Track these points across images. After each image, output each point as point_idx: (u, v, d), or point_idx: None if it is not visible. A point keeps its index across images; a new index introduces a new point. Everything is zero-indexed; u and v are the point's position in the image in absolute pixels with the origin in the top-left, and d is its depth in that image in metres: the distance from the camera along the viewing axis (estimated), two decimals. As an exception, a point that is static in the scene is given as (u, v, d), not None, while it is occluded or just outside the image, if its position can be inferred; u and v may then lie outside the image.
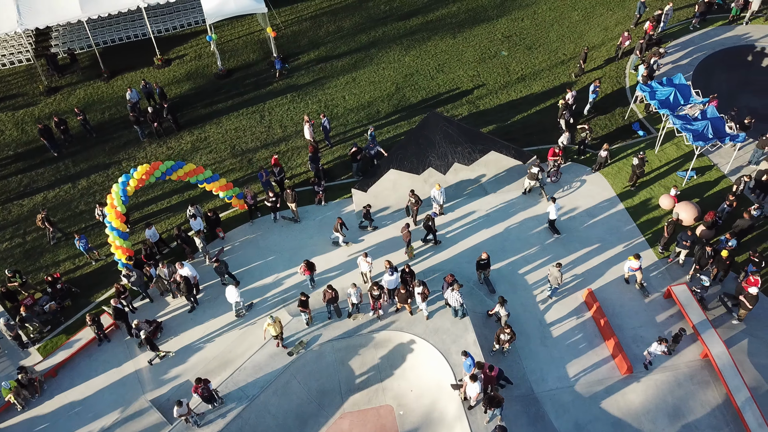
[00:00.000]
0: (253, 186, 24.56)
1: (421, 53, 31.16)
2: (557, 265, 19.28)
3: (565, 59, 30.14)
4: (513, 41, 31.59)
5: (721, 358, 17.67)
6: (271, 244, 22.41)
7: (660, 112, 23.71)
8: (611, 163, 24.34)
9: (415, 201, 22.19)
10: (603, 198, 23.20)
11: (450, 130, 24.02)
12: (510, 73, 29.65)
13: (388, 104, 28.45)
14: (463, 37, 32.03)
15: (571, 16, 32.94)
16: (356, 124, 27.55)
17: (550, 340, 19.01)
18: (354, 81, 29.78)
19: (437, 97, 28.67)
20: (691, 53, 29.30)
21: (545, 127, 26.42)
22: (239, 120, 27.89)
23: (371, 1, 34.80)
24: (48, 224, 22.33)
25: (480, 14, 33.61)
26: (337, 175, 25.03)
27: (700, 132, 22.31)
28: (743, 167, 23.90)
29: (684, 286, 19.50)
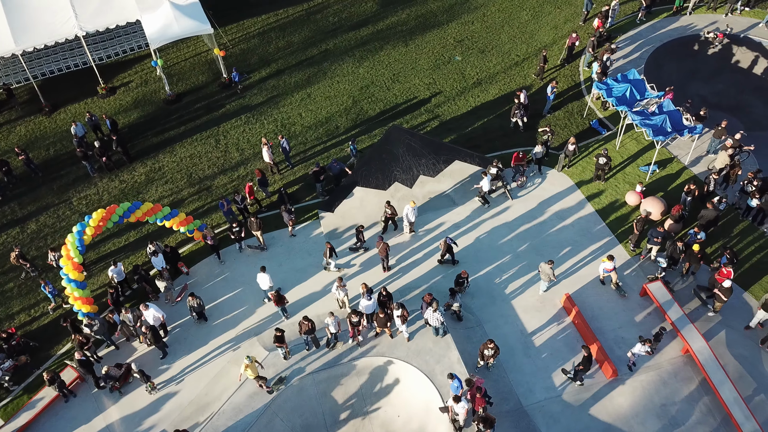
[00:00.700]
0: (215, 216, 23.65)
1: (374, 64, 30.71)
2: (549, 262, 19.27)
3: (519, 60, 30.16)
4: (465, 45, 31.46)
5: (702, 353, 17.76)
6: (238, 276, 21.56)
7: (618, 109, 23.85)
8: (574, 163, 24.37)
9: (392, 212, 21.76)
10: (571, 200, 23.19)
11: (413, 143, 23.64)
12: (466, 79, 29.48)
13: (347, 119, 27.89)
14: (415, 45, 31.73)
15: (520, 16, 33.02)
16: (316, 141, 26.89)
17: (534, 350, 18.78)
18: (309, 97, 29.11)
19: (395, 108, 28.26)
20: (640, 46, 29.71)
21: (507, 131, 26.32)
22: (194, 146, 26.87)
23: (319, 14, 34.17)
24: (23, 261, 21.09)
25: (430, 20, 33.38)
26: (301, 196, 24.32)
27: (659, 126, 22.53)
28: (702, 157, 24.25)
29: (659, 282, 19.57)
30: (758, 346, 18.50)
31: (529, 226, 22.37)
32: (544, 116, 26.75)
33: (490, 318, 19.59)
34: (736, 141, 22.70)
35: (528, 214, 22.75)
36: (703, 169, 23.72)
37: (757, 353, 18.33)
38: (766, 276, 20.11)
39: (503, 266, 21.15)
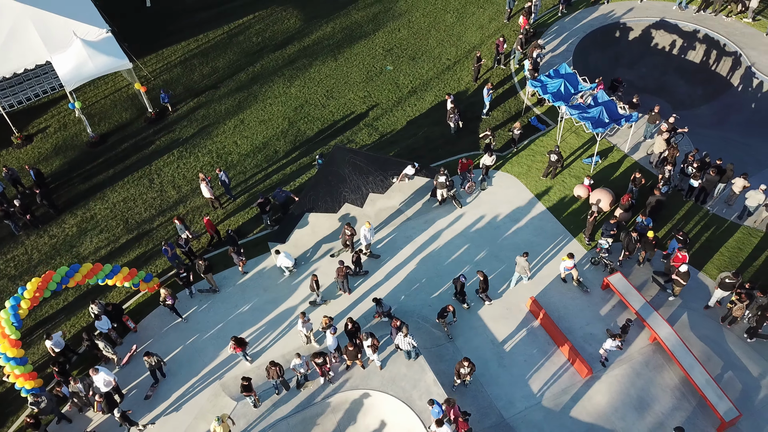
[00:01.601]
0: (159, 262, 22.33)
1: (306, 82, 29.94)
2: (524, 254, 19.44)
3: (450, 64, 30.10)
4: (395, 54, 31.14)
5: (669, 339, 18.00)
6: (192, 324, 20.37)
7: (555, 105, 24.05)
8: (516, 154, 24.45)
9: (351, 233, 21.12)
10: (521, 200, 23.19)
11: (358, 161, 23.05)
12: (400, 88, 29.15)
13: (285, 142, 27.02)
14: (344, 58, 31.16)
15: (445, 19, 33.01)
16: (255, 169, 25.90)
17: (507, 359, 18.57)
18: (243, 123, 28.05)
19: (333, 126, 27.61)
20: (566, 39, 30.21)
21: (448, 138, 26.13)
22: (126, 189, 25.34)
23: (241, 35, 33.07)
24: None
25: (356, 31, 32.89)
26: (248, 230, 23.31)
27: (597, 118, 22.81)
28: (641, 144, 24.77)
29: (618, 274, 19.76)
30: (719, 324, 18.93)
31: (484, 232, 22.21)
32: (484, 118, 26.72)
33: (459, 332, 19.25)
34: (670, 124, 23.27)
35: (481, 220, 22.59)
36: (642, 155, 24.23)
37: (719, 331, 18.75)
38: (717, 254, 20.66)
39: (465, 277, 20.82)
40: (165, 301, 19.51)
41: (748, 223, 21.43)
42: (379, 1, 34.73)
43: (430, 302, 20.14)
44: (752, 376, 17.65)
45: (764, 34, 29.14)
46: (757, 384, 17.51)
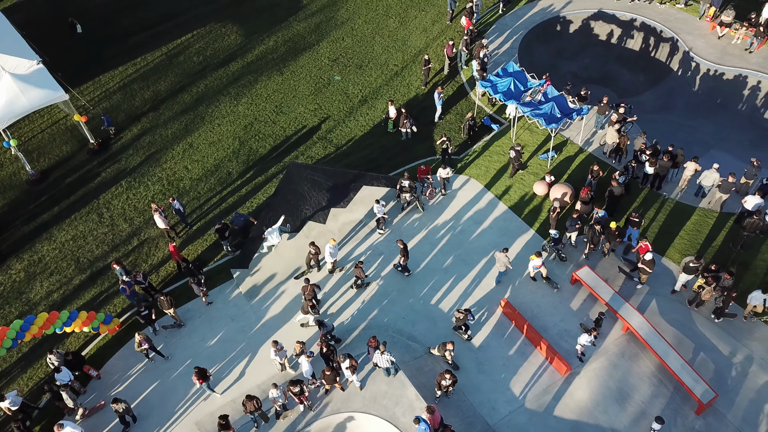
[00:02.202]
0: (117, 301, 21.32)
1: (253, 99, 29.25)
2: (504, 250, 19.51)
3: (398, 70, 29.93)
4: (342, 63, 30.77)
5: (642, 328, 18.23)
6: (159, 363, 19.49)
7: (507, 104, 24.15)
8: (473, 161, 24.44)
9: (316, 252, 20.63)
10: (483, 202, 23.18)
11: (316, 177, 22.60)
12: (350, 98, 28.80)
13: (238, 162, 26.28)
14: (290, 71, 30.60)
15: (388, 24, 32.84)
16: (210, 193, 25.09)
17: (487, 365, 18.45)
18: (192, 147, 27.16)
19: (286, 142, 27.03)
20: (509, 36, 30.48)
21: (405, 145, 25.93)
22: (74, 227, 24.13)
23: (181, 56, 32.10)
24: None
25: (299, 43, 32.36)
26: (208, 258, 22.52)
27: (550, 114, 23.00)
28: (595, 134, 25.13)
29: (586, 268, 19.94)
30: (687, 307, 19.29)
31: (450, 237, 22.08)
32: (436, 122, 26.62)
33: (436, 342, 18.98)
34: (620, 114, 23.68)
35: (445, 225, 22.46)
36: (596, 146, 24.59)
37: (687, 315, 19.11)
38: (677, 238, 21.09)
39: (435, 285, 20.67)
40: (141, 345, 18.56)
41: (702, 205, 21.97)
42: (319, 11, 34.30)
43: (404, 314, 19.86)
44: (723, 355, 18.05)
45: (697, 19, 30.06)
46: (728, 363, 17.91)
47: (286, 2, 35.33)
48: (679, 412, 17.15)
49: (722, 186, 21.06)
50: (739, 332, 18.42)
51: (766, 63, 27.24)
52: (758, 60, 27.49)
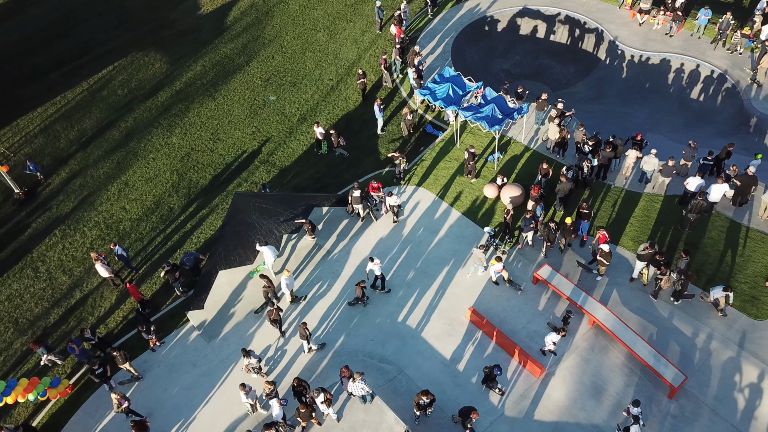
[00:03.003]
0: (66, 362, 19.92)
1: (187, 128, 28.17)
2: (480, 247, 19.80)
3: (334, 84, 29.47)
4: (275, 83, 30.07)
5: (607, 320, 18.44)
6: (119, 421, 18.31)
7: (448, 110, 24.09)
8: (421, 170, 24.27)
9: (269, 284, 19.89)
10: (435, 211, 23.01)
11: (264, 204, 21.85)
12: (288, 117, 28.14)
13: (179, 197, 25.19)
14: (222, 96, 29.67)
15: (317, 38, 32.34)
16: (153, 232, 23.93)
17: (462, 378, 18.22)
18: (127, 185, 25.87)
19: (227, 170, 26.13)
20: (441, 40, 30.52)
21: (349, 161, 25.48)
22: (8, 285, 22.51)
23: (104, 90, 30.63)
24: None
25: (228, 65, 31.46)
26: (161, 302, 21.40)
27: (491, 116, 23.07)
28: (536, 131, 25.39)
29: (546, 266, 20.04)
30: (647, 294, 19.64)
31: (408, 250, 21.79)
32: (380, 135, 26.31)
33: (408, 360, 18.68)
34: (558, 109, 24.01)
35: (402, 239, 22.16)
36: (539, 143, 24.84)
37: (648, 301, 19.46)
38: (628, 226, 21.51)
39: (400, 301, 20.32)
40: (120, 405, 17.31)
41: (647, 190, 22.52)
42: (245, 31, 33.47)
43: (372, 336, 19.42)
44: (687, 336, 18.47)
45: (617, 8, 30.96)
46: (692, 343, 18.33)
47: (208, 24, 34.33)
48: (652, 398, 17.40)
49: (663, 170, 21.64)
50: (698, 312, 18.90)
51: (686, 45, 28.30)
52: (679, 43, 28.53)
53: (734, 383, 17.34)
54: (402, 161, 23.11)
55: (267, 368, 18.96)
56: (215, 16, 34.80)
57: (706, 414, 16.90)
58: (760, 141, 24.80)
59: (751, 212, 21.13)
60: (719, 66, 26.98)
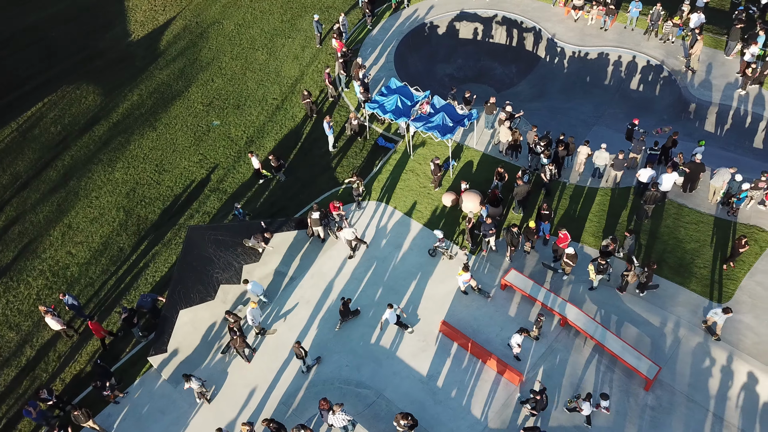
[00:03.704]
0: (22, 425, 18.65)
1: (129, 161, 27.00)
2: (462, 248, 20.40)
3: (278, 103, 28.83)
4: (217, 106, 29.20)
5: (578, 319, 18.57)
6: (89, 482, 17.29)
7: (398, 122, 23.87)
8: (378, 184, 23.97)
9: (234, 321, 19.15)
10: (396, 224, 22.73)
11: (219, 236, 21.08)
12: (235, 141, 27.35)
13: (128, 235, 24.08)
14: (164, 125, 28.59)
15: (256, 57, 31.61)
16: (104, 275, 22.77)
17: (441, 394, 17.97)
18: (71, 228, 24.57)
19: (177, 201, 25.16)
20: (382, 50, 30.31)
21: (304, 181, 24.92)
22: (-51, 349, 20.99)
23: (36, 128, 29.07)
24: None
25: (166, 92, 30.37)
26: (120, 349, 20.33)
27: (442, 125, 23.00)
28: (487, 134, 25.47)
29: (513, 271, 20.05)
30: (613, 288, 19.87)
31: (374, 268, 21.43)
32: (331, 152, 25.83)
33: (385, 382, 18.31)
34: (507, 112, 24.13)
35: (366, 257, 21.78)
36: (491, 147, 24.90)
37: (614, 295, 19.68)
38: (587, 222, 21.76)
39: (370, 321, 19.93)
40: None
41: (601, 185, 22.88)
42: (180, 55, 32.43)
43: (346, 362, 18.95)
44: (655, 327, 18.77)
45: (551, 5, 31.48)
46: (661, 332, 18.65)
47: (141, 51, 33.11)
48: (629, 392, 17.59)
49: (615, 164, 22.01)
50: (664, 301, 19.25)
51: (621, 38, 29.00)
52: (614, 36, 29.21)
53: (705, 368, 17.71)
54: (359, 185, 22.60)
55: (240, 406, 18.24)
56: (147, 42, 33.60)
57: (682, 402, 17.19)
58: (700, 126, 25.62)
59: (701, 197, 21.71)
60: (654, 56, 27.75)
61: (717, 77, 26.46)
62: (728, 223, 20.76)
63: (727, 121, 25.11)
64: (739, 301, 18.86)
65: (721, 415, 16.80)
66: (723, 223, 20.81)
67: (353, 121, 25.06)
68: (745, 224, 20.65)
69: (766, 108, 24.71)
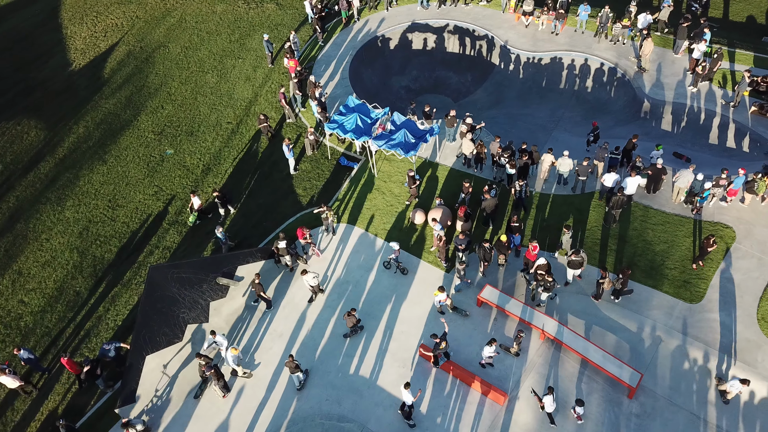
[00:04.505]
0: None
1: (80, 198, 25.74)
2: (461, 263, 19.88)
3: (233, 128, 27.98)
4: (170, 134, 28.15)
5: (558, 332, 18.43)
6: None
7: (359, 141, 23.40)
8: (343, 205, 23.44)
9: (206, 363, 18.29)
10: (366, 246, 22.21)
11: (182, 274, 20.13)
12: (191, 170, 26.38)
13: (84, 278, 22.89)
14: (114, 157, 27.39)
15: (207, 81, 30.67)
16: (61, 322, 21.56)
17: (427, 421, 17.53)
18: (21, 274, 23.22)
19: (134, 238, 24.08)
20: (336, 67, 29.80)
21: (266, 207, 24.17)
22: None
23: (-24, 169, 27.44)
24: None
25: (114, 122, 29.15)
26: (84, 403, 19.18)
27: (404, 142, 22.65)
28: (449, 148, 25.21)
29: (488, 287, 19.80)
30: (587, 296, 19.84)
31: (348, 294, 20.86)
32: (292, 175, 25.15)
33: (368, 414, 17.77)
34: (468, 124, 23.94)
35: (338, 283, 21.17)
36: (454, 160, 24.67)
37: (590, 303, 19.64)
38: (556, 231, 21.67)
39: (348, 351, 19.35)
40: None
41: (567, 191, 22.88)
42: (126, 82, 31.23)
43: (326, 396, 18.32)
44: (633, 332, 18.79)
45: (501, 12, 31.57)
46: (639, 338, 18.67)
47: (84, 81, 31.76)
48: (614, 401, 17.52)
49: (580, 170, 22.04)
50: (639, 306, 19.31)
51: (573, 41, 29.25)
52: (566, 40, 29.46)
53: (685, 371, 17.79)
54: (329, 214, 21.93)
55: (219, 455, 17.43)
56: (90, 71, 32.23)
57: (665, 406, 17.21)
58: (657, 125, 25.99)
59: (665, 197, 21.93)
60: (607, 58, 28.07)
61: (668, 76, 26.92)
62: (693, 222, 21.02)
63: (683, 119, 25.54)
64: (711, 300, 19.06)
65: (704, 417, 16.87)
66: (688, 222, 21.06)
67: (310, 136, 24.50)
68: (710, 221, 20.95)
69: (717, 104, 25.24)
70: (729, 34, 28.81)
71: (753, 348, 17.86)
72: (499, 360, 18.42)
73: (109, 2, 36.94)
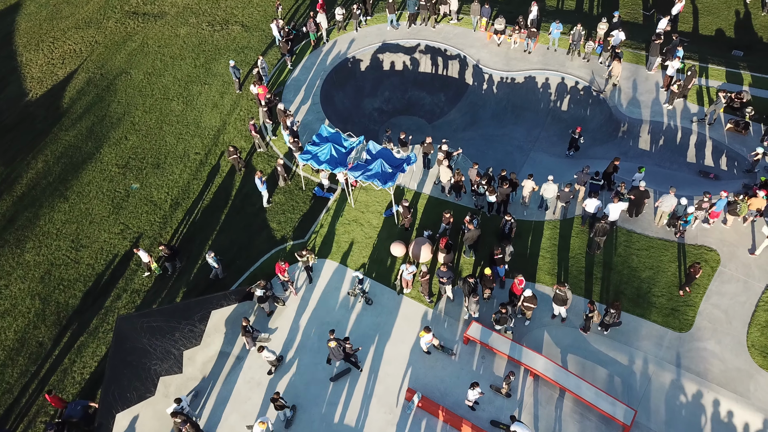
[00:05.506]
0: None
1: (40, 240, 24.38)
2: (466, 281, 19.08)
3: (202, 158, 26.91)
4: (135, 167, 26.95)
5: (547, 369, 17.87)
6: None
7: (335, 172, 22.58)
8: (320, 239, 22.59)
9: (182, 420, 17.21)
10: (346, 282, 21.36)
11: (153, 323, 19.06)
12: (159, 205, 25.23)
13: (47, 326, 21.60)
14: (76, 194, 26.09)
15: (172, 109, 29.53)
16: (24, 378, 20.27)
17: (418, 471, 16.81)
18: (-22, 326, 21.79)
19: (100, 281, 22.87)
20: (307, 91, 28.96)
21: (240, 244, 23.17)
22: None
23: (-74, 212, 25.81)
24: None
25: (75, 156, 27.83)
26: (50, 469, 17.93)
27: (381, 172, 21.92)
28: (426, 175, 24.58)
29: (474, 324, 19.15)
30: (575, 328, 19.33)
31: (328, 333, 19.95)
32: (266, 208, 24.18)
33: (355, 466, 16.94)
34: (444, 151, 23.33)
35: (318, 322, 20.28)
36: (431, 187, 24.02)
37: (578, 336, 19.13)
38: (540, 259, 21.17)
39: (332, 398, 18.48)
40: None
41: (548, 217, 22.43)
42: (86, 112, 29.90)
43: (311, 445, 17.45)
44: (624, 365, 18.34)
45: (472, 31, 31.14)
46: (630, 371, 18.22)
47: (41, 111, 30.35)
48: (608, 440, 17.04)
49: (561, 196, 21.61)
50: (628, 337, 18.87)
51: (546, 60, 28.94)
52: (539, 58, 29.13)
53: (679, 404, 17.39)
54: (310, 258, 20.97)
55: None
56: (47, 101, 30.80)
57: (661, 443, 16.78)
58: (634, 144, 25.76)
59: (647, 221, 21.62)
60: (581, 76, 27.81)
61: (643, 93, 26.75)
62: (677, 245, 20.72)
63: (660, 137, 25.36)
64: (700, 328, 18.73)
65: (702, 453, 16.49)
66: (672, 246, 20.75)
67: (278, 167, 23.63)
68: (693, 245, 20.67)
69: (693, 121, 25.12)
70: (700, 49, 28.82)
71: (744, 378, 17.55)
72: (489, 401, 17.78)
73: (66, 27, 35.51)
